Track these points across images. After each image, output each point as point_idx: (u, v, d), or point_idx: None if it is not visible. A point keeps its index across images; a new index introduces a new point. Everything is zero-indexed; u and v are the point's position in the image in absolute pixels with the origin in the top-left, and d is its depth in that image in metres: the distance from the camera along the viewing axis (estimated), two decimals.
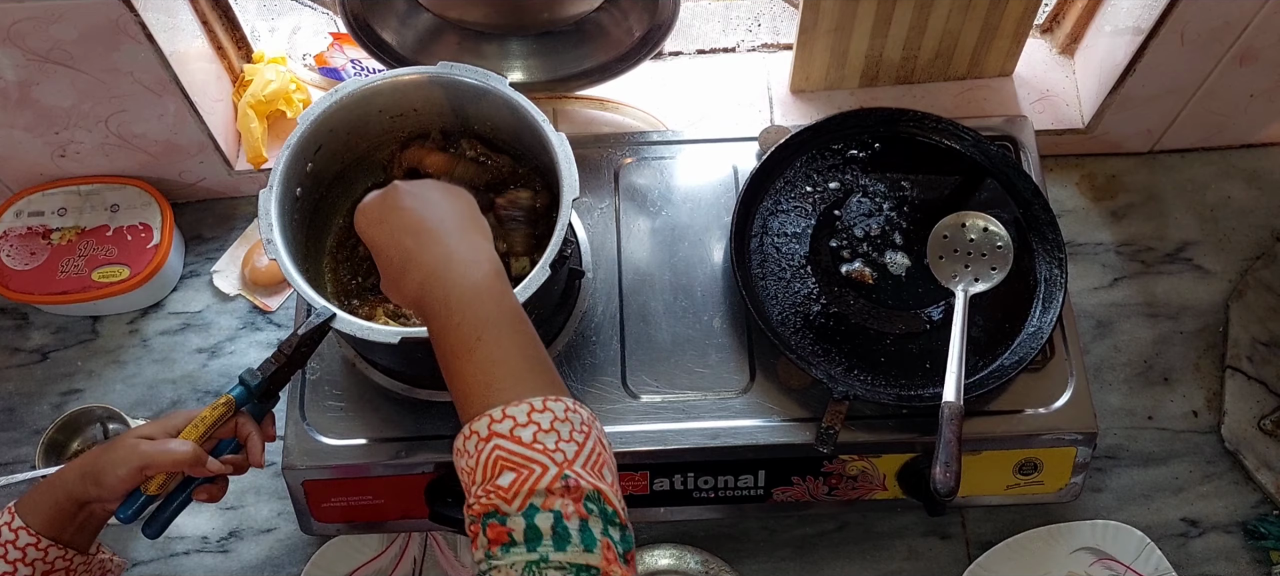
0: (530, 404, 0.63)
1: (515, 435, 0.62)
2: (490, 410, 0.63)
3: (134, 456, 0.80)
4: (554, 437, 0.63)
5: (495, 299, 0.70)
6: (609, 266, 1.06)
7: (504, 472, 0.61)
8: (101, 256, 1.16)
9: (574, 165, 0.90)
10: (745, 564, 1.07)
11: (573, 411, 0.65)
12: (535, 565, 0.58)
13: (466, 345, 0.67)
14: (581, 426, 0.64)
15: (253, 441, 0.85)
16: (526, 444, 0.62)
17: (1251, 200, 1.24)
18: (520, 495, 0.60)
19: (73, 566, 0.82)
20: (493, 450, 0.62)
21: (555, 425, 0.63)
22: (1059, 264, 1.01)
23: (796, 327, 1.00)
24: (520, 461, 0.61)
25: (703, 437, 0.98)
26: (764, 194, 1.06)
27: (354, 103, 0.95)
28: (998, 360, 0.98)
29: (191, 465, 0.81)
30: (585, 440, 0.64)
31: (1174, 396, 1.15)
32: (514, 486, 0.60)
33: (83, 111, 1.10)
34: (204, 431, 0.82)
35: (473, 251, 0.72)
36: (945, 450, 0.90)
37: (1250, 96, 1.17)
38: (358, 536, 1.08)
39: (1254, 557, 1.09)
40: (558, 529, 0.59)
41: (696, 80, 1.26)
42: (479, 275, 0.70)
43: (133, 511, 0.82)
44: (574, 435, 0.63)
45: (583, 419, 0.65)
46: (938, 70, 1.22)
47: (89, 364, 1.19)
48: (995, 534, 1.08)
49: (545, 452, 0.62)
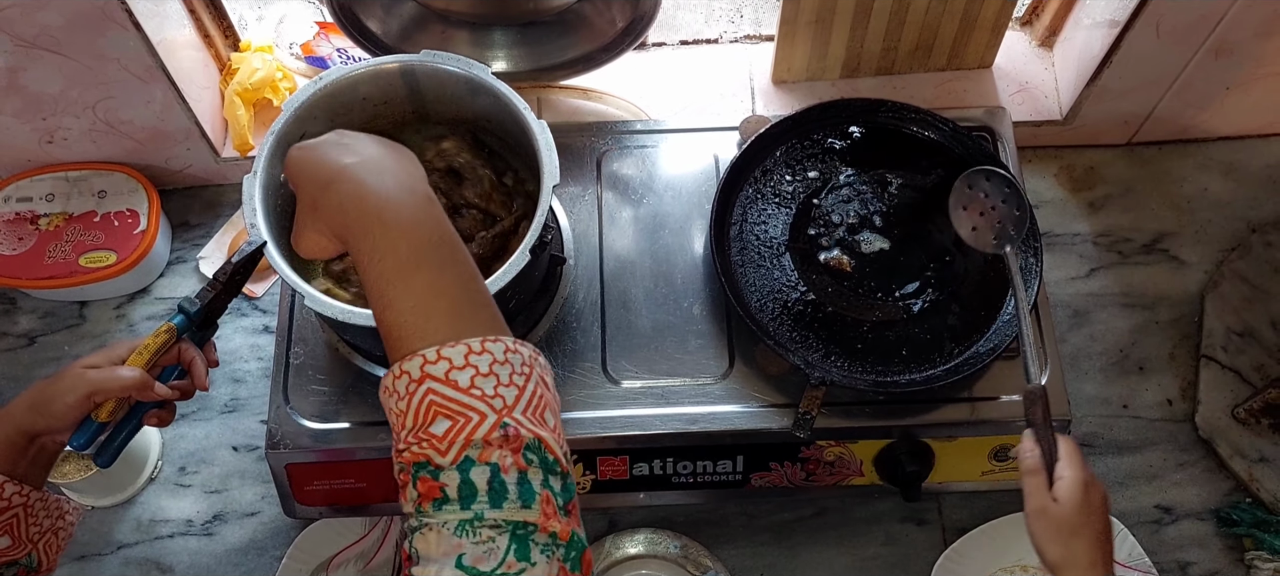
0: (467, 344, 0.59)
1: (451, 378, 0.58)
2: (424, 350, 0.59)
3: (82, 384, 0.79)
4: (493, 382, 0.58)
5: (435, 224, 0.64)
6: (590, 253, 1.07)
7: (438, 419, 0.57)
8: (88, 242, 1.17)
9: (555, 153, 0.91)
10: (724, 549, 1.09)
11: (512, 352, 0.60)
12: (469, 524, 0.55)
13: (403, 272, 0.62)
14: (522, 367, 0.60)
15: (195, 365, 0.86)
16: (463, 388, 0.58)
17: (1228, 192, 1.26)
18: (455, 445, 0.56)
19: (30, 502, 0.81)
20: (426, 394, 0.58)
21: (494, 368, 0.59)
22: (1034, 253, 1.02)
23: (775, 314, 1.01)
24: (456, 408, 0.57)
25: (682, 423, 0.99)
26: (744, 183, 1.07)
27: (337, 90, 0.96)
28: (973, 347, 0.99)
29: (139, 389, 0.81)
30: (526, 383, 0.60)
31: (1149, 385, 1.16)
32: (448, 435, 0.57)
33: (70, 98, 1.11)
34: (149, 358, 0.83)
35: (408, 177, 0.67)
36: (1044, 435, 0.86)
37: (1226, 89, 1.19)
38: (341, 520, 1.09)
39: (1227, 544, 1.10)
40: (494, 483, 0.56)
41: (679, 70, 1.27)
42: (417, 199, 0.65)
43: (86, 439, 0.82)
44: (514, 378, 0.59)
45: (523, 359, 0.61)
46: (918, 62, 1.24)
47: (76, 348, 1.20)
48: (971, 519, 1.09)
49: (483, 398, 0.58)
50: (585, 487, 1.02)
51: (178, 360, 0.86)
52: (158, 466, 1.14)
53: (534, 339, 1.02)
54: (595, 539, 1.08)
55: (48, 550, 0.84)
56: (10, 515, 0.79)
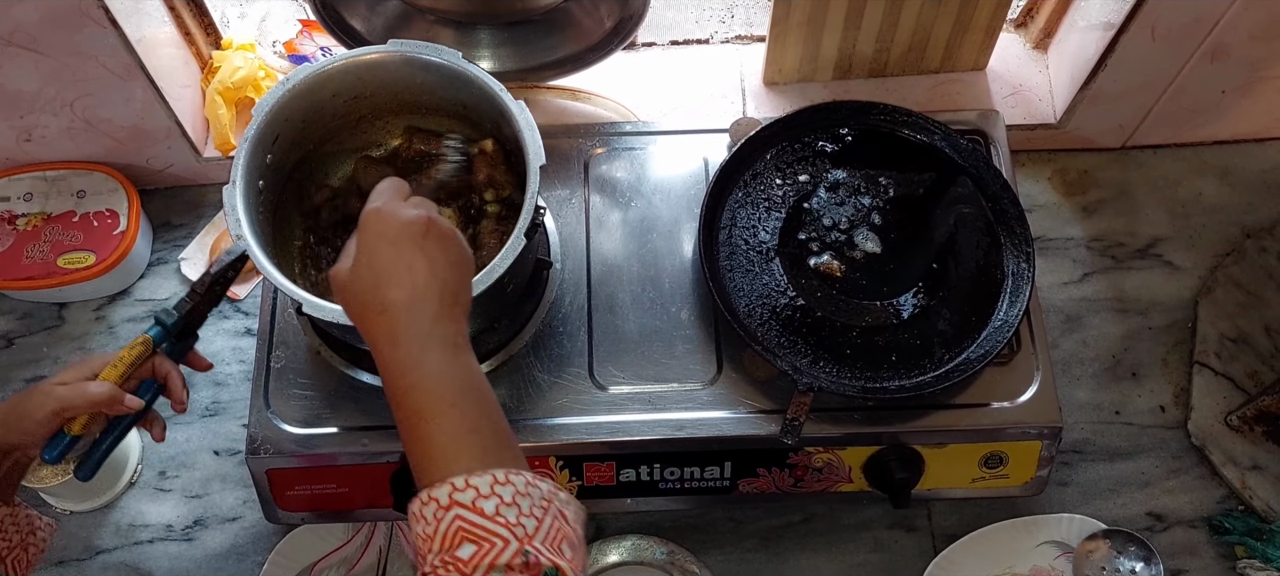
0: (493, 475, 0.63)
1: (478, 506, 0.62)
2: (453, 478, 0.63)
3: (49, 401, 0.80)
4: (515, 511, 0.62)
5: (469, 370, 0.69)
6: (577, 257, 1.06)
7: (464, 544, 0.60)
8: (67, 242, 1.15)
9: (537, 133, 0.90)
10: (711, 555, 1.07)
11: (532, 486, 0.64)
12: None
13: (436, 410, 0.66)
14: (541, 501, 0.64)
15: (172, 380, 0.86)
16: (489, 516, 0.61)
17: (1222, 197, 1.24)
18: (480, 569, 0.59)
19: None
20: (453, 520, 0.61)
21: (516, 499, 0.63)
22: (1027, 258, 1.01)
23: (763, 320, 1.00)
24: (481, 534, 0.61)
25: (669, 429, 0.98)
26: (734, 186, 1.06)
27: (307, 89, 0.94)
28: (964, 353, 0.98)
29: (108, 404, 0.81)
30: (544, 515, 0.63)
31: (1142, 391, 1.15)
32: (474, 560, 0.60)
33: (48, 96, 1.09)
34: (122, 371, 0.83)
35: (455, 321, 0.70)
36: None
37: (1222, 93, 1.18)
38: (323, 525, 1.07)
39: (1219, 552, 1.09)
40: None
41: (669, 71, 1.26)
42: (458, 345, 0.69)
43: (58, 453, 0.82)
44: (534, 510, 0.63)
45: (542, 493, 0.65)
46: (911, 64, 1.22)
47: (55, 350, 1.18)
48: (961, 527, 1.08)
49: (506, 526, 0.61)
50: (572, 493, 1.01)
51: (153, 374, 0.85)
52: (137, 471, 1.12)
53: (520, 344, 1.01)
54: None
55: (17, 564, 0.84)
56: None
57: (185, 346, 0.89)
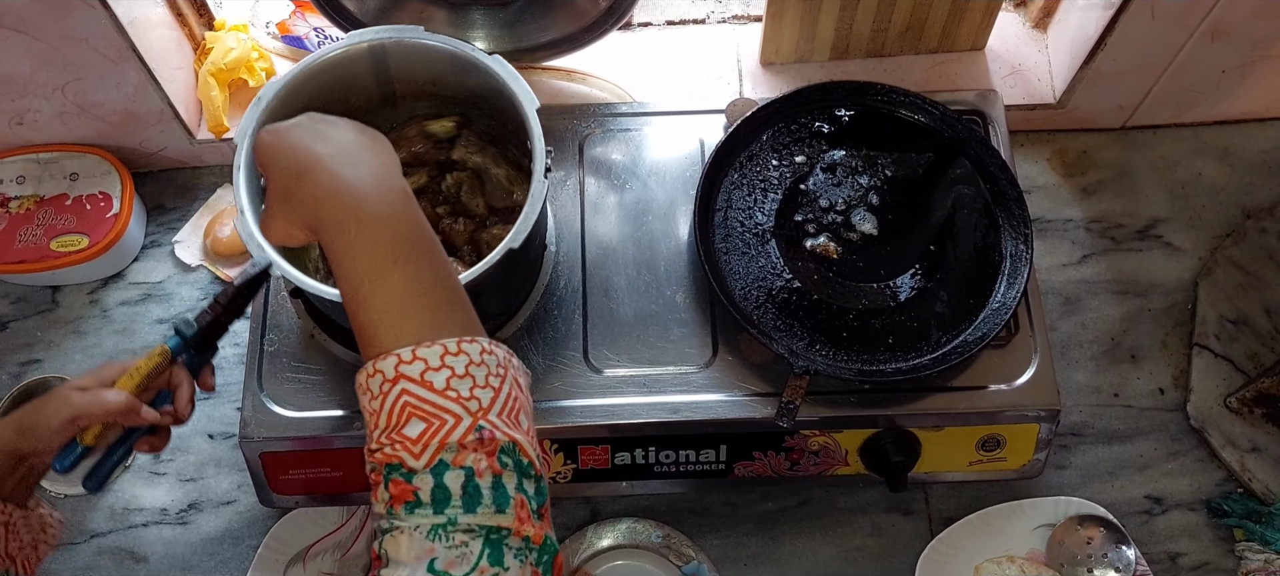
0: (444, 345, 0.58)
1: (426, 379, 0.57)
2: (399, 349, 0.58)
3: (65, 408, 0.78)
4: (469, 383, 0.58)
5: (412, 220, 0.63)
6: (572, 239, 1.05)
7: (412, 421, 0.57)
8: (60, 225, 1.15)
9: (521, 79, 0.91)
10: (707, 538, 1.07)
11: (488, 353, 0.60)
12: (442, 528, 0.55)
13: (380, 268, 0.61)
14: (497, 369, 0.60)
15: (180, 393, 0.83)
16: (438, 391, 0.57)
17: (1223, 177, 1.23)
18: (429, 448, 0.56)
19: (12, 520, 0.81)
20: (400, 395, 0.57)
21: (470, 369, 0.58)
22: (1025, 239, 1.00)
23: (759, 302, 0.99)
24: (431, 410, 0.57)
25: (664, 412, 0.97)
26: (729, 167, 1.05)
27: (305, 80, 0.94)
28: (961, 335, 0.98)
29: (124, 415, 0.79)
30: (501, 384, 0.59)
31: (1141, 374, 1.15)
32: (423, 438, 0.56)
33: (39, 79, 1.08)
34: (139, 382, 0.81)
35: (386, 173, 0.65)
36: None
37: (1222, 72, 1.17)
38: (318, 509, 1.07)
39: (1218, 535, 1.09)
40: (469, 488, 0.55)
41: (664, 51, 1.25)
42: (395, 195, 0.64)
43: (70, 463, 0.80)
44: (490, 379, 0.59)
45: (499, 360, 0.60)
46: (909, 43, 1.21)
47: (48, 334, 1.17)
48: (958, 510, 1.08)
49: (458, 400, 0.57)
50: (567, 477, 1.00)
51: (168, 385, 0.84)
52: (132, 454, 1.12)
53: (515, 326, 1.00)
54: (577, 528, 1.07)
55: (26, 564, 0.83)
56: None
57: (204, 359, 0.86)
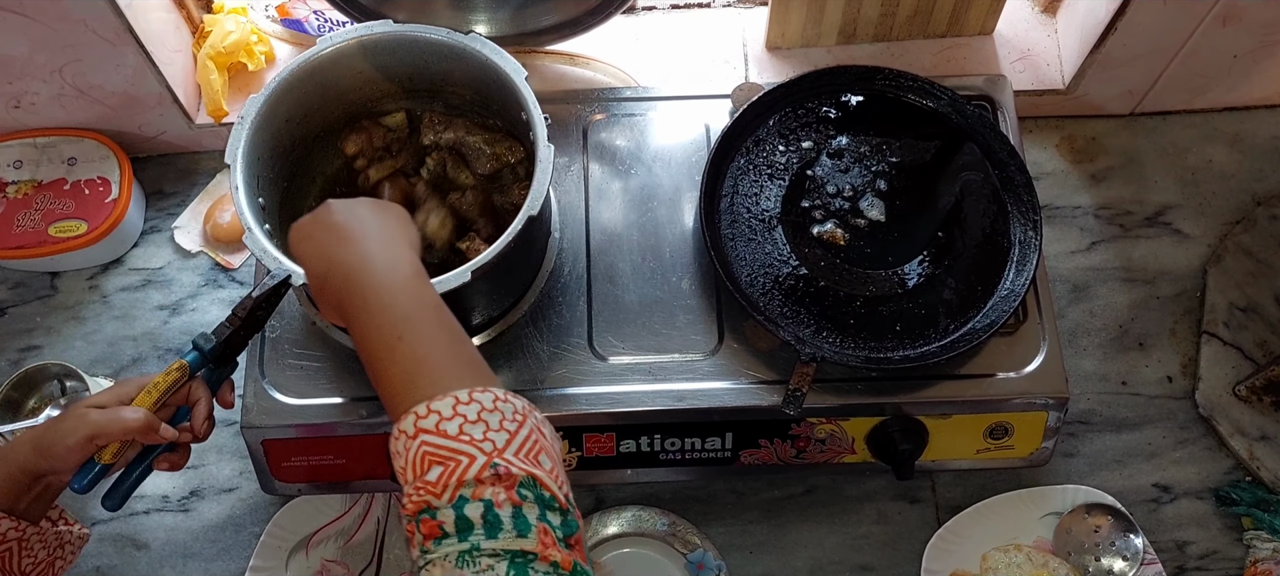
0: (455, 397, 0.63)
1: (441, 429, 0.62)
2: (415, 408, 0.63)
3: (83, 426, 0.78)
4: (482, 428, 0.62)
5: (413, 296, 0.70)
6: (576, 225, 1.04)
7: (432, 467, 0.60)
8: (59, 211, 1.14)
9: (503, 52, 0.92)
10: (712, 526, 1.06)
11: (503, 402, 0.64)
12: (467, 554, 0.57)
13: (387, 345, 0.67)
14: (514, 416, 0.63)
15: (198, 409, 0.83)
16: (452, 437, 0.61)
17: (1233, 164, 1.22)
18: (448, 488, 0.59)
19: (25, 537, 0.81)
20: (419, 447, 0.61)
21: (483, 415, 0.62)
22: (1034, 226, 0.99)
23: (765, 289, 0.98)
24: (446, 454, 0.60)
25: (670, 399, 0.96)
26: (736, 153, 1.04)
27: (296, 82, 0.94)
28: (969, 323, 0.97)
29: (143, 432, 0.79)
30: (518, 429, 0.63)
31: (1149, 361, 1.14)
32: (441, 479, 0.59)
33: (37, 62, 1.07)
34: (157, 398, 0.80)
35: (391, 255, 0.73)
36: None
37: (1233, 58, 1.15)
38: (320, 496, 1.06)
39: (1225, 524, 1.08)
40: (489, 517, 0.58)
41: (670, 36, 1.23)
42: (397, 276, 0.71)
43: (87, 482, 0.80)
44: (505, 424, 0.62)
45: (515, 409, 0.64)
46: (917, 27, 1.20)
47: (48, 320, 1.16)
48: (965, 498, 1.07)
49: (472, 443, 0.61)
50: (572, 465, 1.00)
51: (187, 400, 0.83)
52: None
53: (518, 314, 0.99)
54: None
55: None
56: (3, 549, 0.79)
57: (223, 373, 0.86)
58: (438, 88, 1.02)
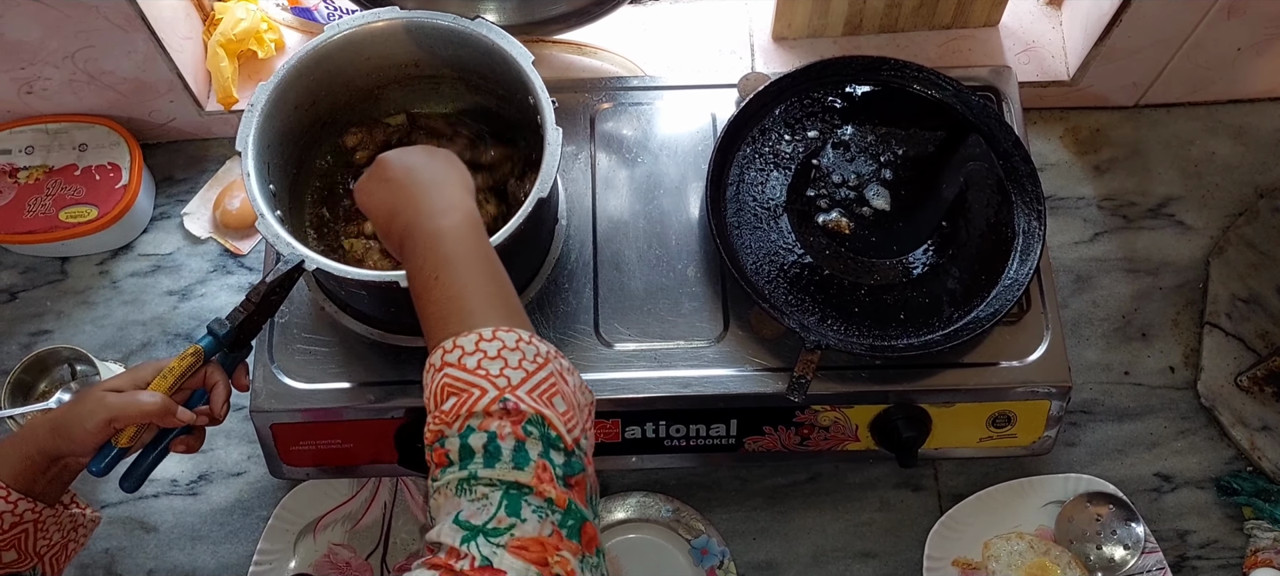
0: (479, 333, 0.65)
1: (461, 363, 0.64)
2: (443, 342, 0.65)
3: (101, 409, 0.79)
4: (500, 365, 0.64)
5: (455, 239, 0.72)
6: (583, 213, 1.05)
7: (448, 398, 0.63)
8: (69, 196, 1.14)
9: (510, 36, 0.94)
10: (716, 513, 1.07)
11: (526, 343, 0.65)
12: (465, 482, 0.59)
13: (426, 283, 0.70)
14: (535, 358, 0.65)
15: (216, 393, 0.84)
16: (470, 370, 0.63)
17: (1236, 156, 1.23)
18: (459, 417, 0.61)
19: (41, 519, 0.82)
20: (441, 379, 0.64)
21: (503, 353, 0.64)
22: (1038, 216, 0.99)
23: (771, 277, 0.99)
24: (462, 386, 0.63)
25: (675, 386, 0.97)
26: (742, 142, 1.05)
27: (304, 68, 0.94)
28: (973, 311, 0.97)
29: (160, 416, 0.80)
30: (536, 370, 0.64)
31: (1151, 352, 1.14)
32: (454, 409, 0.62)
33: (50, 47, 1.08)
34: (172, 382, 0.81)
35: (441, 199, 0.75)
36: None
37: (1238, 50, 1.16)
38: (328, 480, 1.07)
39: (1226, 513, 1.09)
40: (490, 447, 0.60)
41: (677, 25, 1.24)
42: (443, 221, 0.73)
43: (104, 464, 0.81)
44: (524, 364, 0.64)
45: (539, 351, 0.66)
46: (922, 19, 1.20)
47: (58, 305, 1.17)
48: (967, 486, 1.08)
49: (487, 377, 0.63)
50: None
51: (203, 383, 0.84)
52: None
53: (525, 300, 1.00)
54: None
55: (55, 562, 0.84)
56: (19, 530, 0.80)
57: (237, 357, 0.86)
58: (445, 74, 1.02)
